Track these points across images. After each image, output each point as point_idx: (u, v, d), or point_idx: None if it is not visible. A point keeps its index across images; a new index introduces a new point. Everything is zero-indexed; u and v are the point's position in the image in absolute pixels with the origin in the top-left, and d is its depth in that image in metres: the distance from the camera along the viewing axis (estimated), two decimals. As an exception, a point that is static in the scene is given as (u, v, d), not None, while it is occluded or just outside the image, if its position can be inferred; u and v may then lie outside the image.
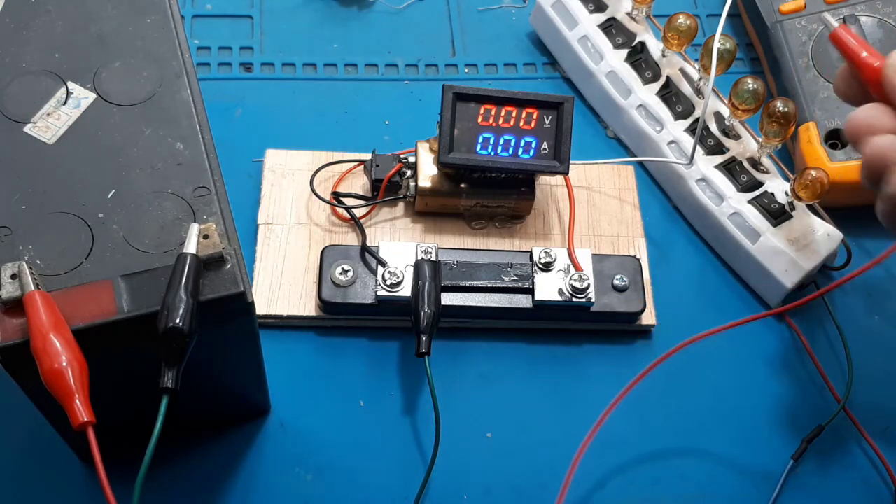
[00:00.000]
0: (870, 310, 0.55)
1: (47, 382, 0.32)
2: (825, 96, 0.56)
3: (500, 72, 0.62)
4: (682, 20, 0.55)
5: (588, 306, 0.50)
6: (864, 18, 0.58)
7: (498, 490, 0.47)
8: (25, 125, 0.39)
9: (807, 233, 0.53)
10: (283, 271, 0.51)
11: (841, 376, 0.52)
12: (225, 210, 0.37)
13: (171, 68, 0.41)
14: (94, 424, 0.32)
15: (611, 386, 0.50)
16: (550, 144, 0.51)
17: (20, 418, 0.45)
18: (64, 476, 0.44)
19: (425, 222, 0.54)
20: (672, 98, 0.57)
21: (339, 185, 0.54)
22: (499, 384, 0.50)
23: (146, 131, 0.39)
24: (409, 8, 0.64)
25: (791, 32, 0.59)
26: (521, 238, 0.54)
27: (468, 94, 0.51)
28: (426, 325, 0.46)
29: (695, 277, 0.55)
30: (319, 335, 0.50)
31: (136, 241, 0.36)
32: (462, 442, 0.48)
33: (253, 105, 0.58)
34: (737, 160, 0.55)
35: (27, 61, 0.40)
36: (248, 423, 0.47)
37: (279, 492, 0.46)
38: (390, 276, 0.49)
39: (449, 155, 0.51)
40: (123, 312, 0.34)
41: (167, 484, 0.45)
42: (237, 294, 0.35)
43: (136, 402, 0.36)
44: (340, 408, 0.48)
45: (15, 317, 0.33)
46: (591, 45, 0.59)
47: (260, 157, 0.55)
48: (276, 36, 0.62)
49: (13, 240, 0.35)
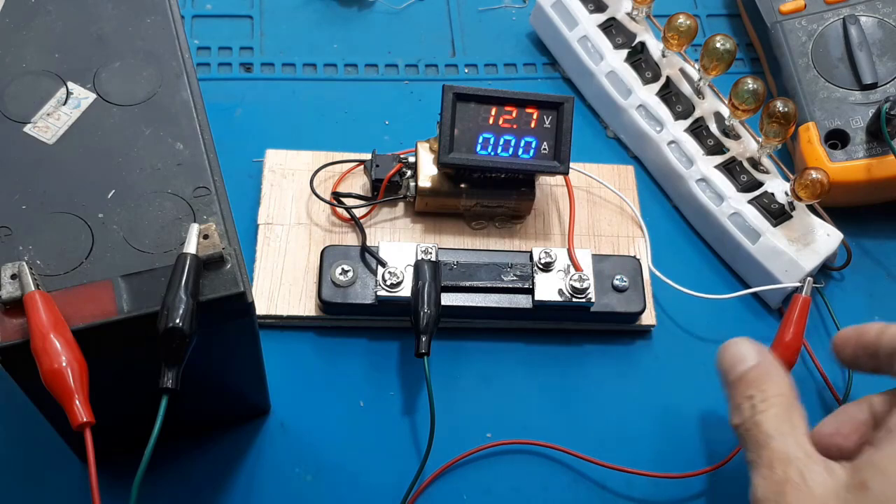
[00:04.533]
0: (870, 310, 0.55)
1: (47, 382, 0.32)
2: (825, 96, 0.56)
3: (500, 72, 0.62)
4: (682, 20, 0.55)
5: (588, 306, 0.50)
6: (864, 18, 0.58)
7: (498, 490, 0.47)
8: (25, 125, 0.39)
9: (807, 233, 0.53)
10: (283, 271, 0.51)
11: (841, 376, 0.52)
12: (225, 210, 0.37)
13: (171, 68, 0.41)
14: (94, 425, 0.32)
15: (611, 386, 0.50)
16: (550, 144, 0.51)
17: (20, 418, 0.45)
18: (63, 476, 0.44)
19: (425, 222, 0.54)
20: (672, 98, 0.57)
21: (339, 185, 0.54)
22: (499, 384, 0.50)
23: (146, 131, 0.39)
24: (409, 8, 0.64)
25: (791, 32, 0.59)
26: (521, 238, 0.54)
27: (468, 94, 0.51)
28: (426, 326, 0.46)
29: (695, 278, 0.55)
30: (319, 335, 0.50)
31: (136, 241, 0.36)
32: (462, 442, 0.48)
33: (253, 105, 0.58)
34: (737, 160, 0.55)
35: (27, 61, 0.40)
36: (248, 423, 0.47)
37: (279, 492, 0.46)
38: (390, 277, 0.49)
39: (449, 155, 0.51)
40: (123, 312, 0.34)
41: (167, 484, 0.45)
42: (237, 294, 0.35)
43: (136, 403, 0.36)
44: (340, 408, 0.48)
45: (15, 317, 0.33)
46: (591, 45, 0.59)
47: (260, 157, 0.55)
48: (276, 36, 0.62)
49: (13, 240, 0.36)
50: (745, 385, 0.41)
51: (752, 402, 0.40)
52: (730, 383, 0.42)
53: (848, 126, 0.55)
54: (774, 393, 0.40)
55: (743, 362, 0.42)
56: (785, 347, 0.47)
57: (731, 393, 0.42)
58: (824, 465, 0.37)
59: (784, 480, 0.37)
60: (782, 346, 0.47)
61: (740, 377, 0.41)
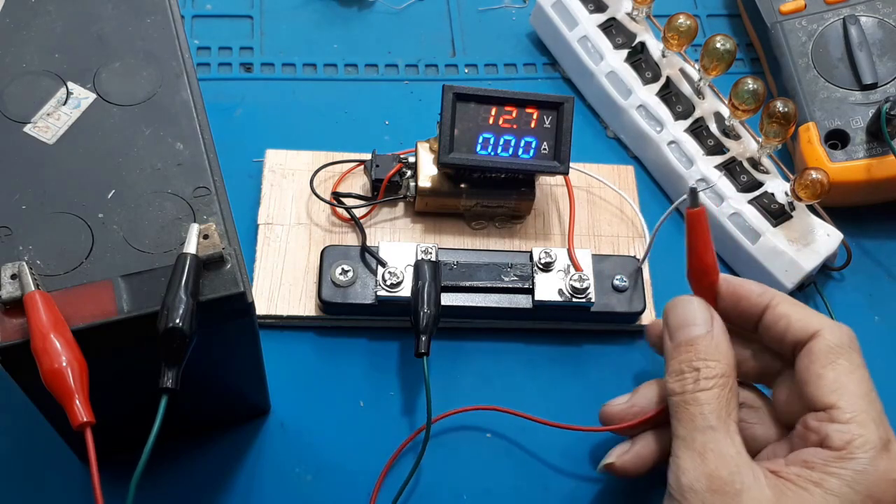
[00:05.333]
0: (870, 310, 0.55)
1: (47, 382, 0.32)
2: (825, 96, 0.56)
3: (500, 72, 0.62)
4: (682, 20, 0.55)
5: (588, 306, 0.50)
6: (864, 18, 0.58)
7: (498, 490, 0.47)
8: (25, 125, 0.39)
9: (807, 233, 0.53)
10: (283, 271, 0.51)
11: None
12: (225, 210, 0.37)
13: (171, 68, 0.41)
14: (94, 425, 0.32)
15: (611, 386, 0.50)
16: (550, 144, 0.51)
17: (20, 418, 0.45)
18: (63, 476, 0.44)
19: (425, 222, 0.54)
20: (672, 98, 0.57)
21: (339, 186, 0.54)
22: (499, 384, 0.50)
23: (146, 131, 0.39)
24: (409, 8, 0.64)
25: (791, 32, 0.59)
26: (521, 238, 0.54)
27: (468, 94, 0.51)
28: (426, 326, 0.46)
29: (695, 277, 0.55)
30: (319, 335, 0.50)
31: (136, 241, 0.36)
32: (462, 442, 0.48)
33: (253, 105, 0.58)
34: (737, 160, 0.55)
35: (27, 61, 0.40)
36: (248, 423, 0.47)
37: (279, 492, 0.46)
38: (390, 277, 0.49)
39: (449, 155, 0.51)
40: (123, 312, 0.34)
41: (167, 484, 0.45)
42: (237, 294, 0.35)
43: (136, 402, 0.36)
44: (340, 408, 0.48)
45: (15, 317, 0.33)
46: (591, 45, 0.59)
47: (260, 157, 0.55)
48: (276, 36, 0.62)
49: (13, 240, 0.36)
50: (694, 353, 0.40)
51: (697, 376, 0.39)
52: (675, 345, 0.41)
53: (848, 126, 0.55)
54: (720, 372, 0.39)
55: (694, 325, 0.41)
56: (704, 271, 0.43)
57: (674, 355, 0.41)
58: (752, 470, 0.37)
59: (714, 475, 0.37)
60: (701, 270, 0.43)
61: (689, 342, 0.40)
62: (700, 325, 0.41)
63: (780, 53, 0.59)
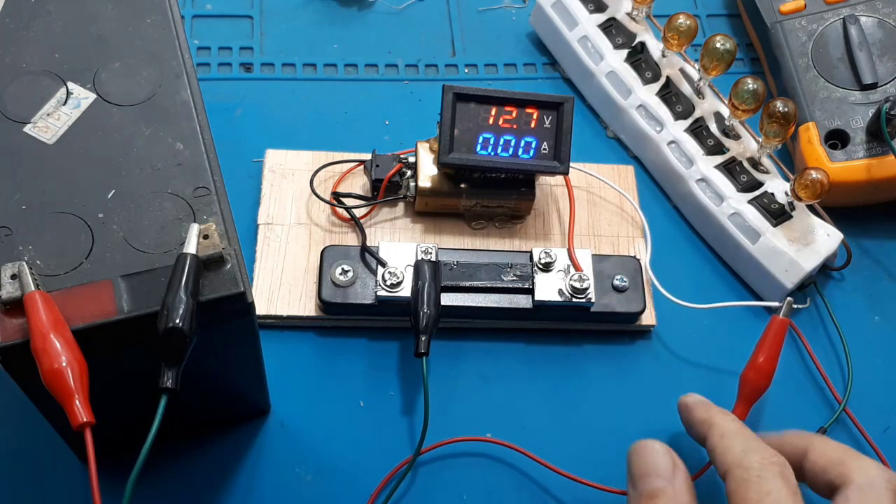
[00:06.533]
0: (870, 310, 0.55)
1: (47, 382, 0.32)
2: (825, 96, 0.56)
3: (500, 72, 0.62)
4: (682, 20, 0.55)
5: (588, 306, 0.50)
6: (864, 18, 0.58)
7: (498, 490, 0.47)
8: (25, 125, 0.39)
9: (807, 233, 0.53)
10: (283, 271, 0.51)
11: (841, 376, 0.52)
12: (225, 210, 0.37)
13: (171, 68, 0.41)
14: (94, 425, 0.32)
15: (611, 386, 0.50)
16: (550, 145, 0.51)
17: (20, 418, 0.45)
18: (63, 476, 0.44)
19: (425, 222, 0.54)
20: (672, 98, 0.57)
21: (339, 186, 0.54)
22: (499, 384, 0.50)
23: (146, 131, 0.39)
24: (409, 8, 0.64)
25: (791, 32, 0.59)
26: (521, 238, 0.54)
27: (468, 94, 0.51)
28: (426, 326, 0.46)
29: (695, 278, 0.55)
30: (319, 335, 0.50)
31: (136, 241, 0.36)
32: (462, 442, 0.48)
33: (253, 105, 0.58)
34: (737, 160, 0.55)
35: (27, 61, 0.40)
36: (248, 423, 0.47)
37: (279, 492, 0.46)
38: (390, 277, 0.49)
39: (449, 155, 0.51)
40: (123, 312, 0.34)
41: (167, 484, 0.45)
42: (237, 294, 0.35)
43: (136, 403, 0.36)
44: (340, 408, 0.48)
45: (15, 317, 0.33)
46: (591, 45, 0.59)
47: (260, 157, 0.55)
48: (276, 36, 0.62)
49: (13, 240, 0.35)
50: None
51: None
52: (637, 494, 0.40)
53: (848, 126, 0.55)
54: None
55: (655, 477, 0.40)
56: (756, 371, 0.47)
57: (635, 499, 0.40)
58: None
59: None
60: (754, 369, 0.47)
61: (651, 495, 0.39)
62: (663, 476, 0.40)
63: (780, 53, 0.59)
